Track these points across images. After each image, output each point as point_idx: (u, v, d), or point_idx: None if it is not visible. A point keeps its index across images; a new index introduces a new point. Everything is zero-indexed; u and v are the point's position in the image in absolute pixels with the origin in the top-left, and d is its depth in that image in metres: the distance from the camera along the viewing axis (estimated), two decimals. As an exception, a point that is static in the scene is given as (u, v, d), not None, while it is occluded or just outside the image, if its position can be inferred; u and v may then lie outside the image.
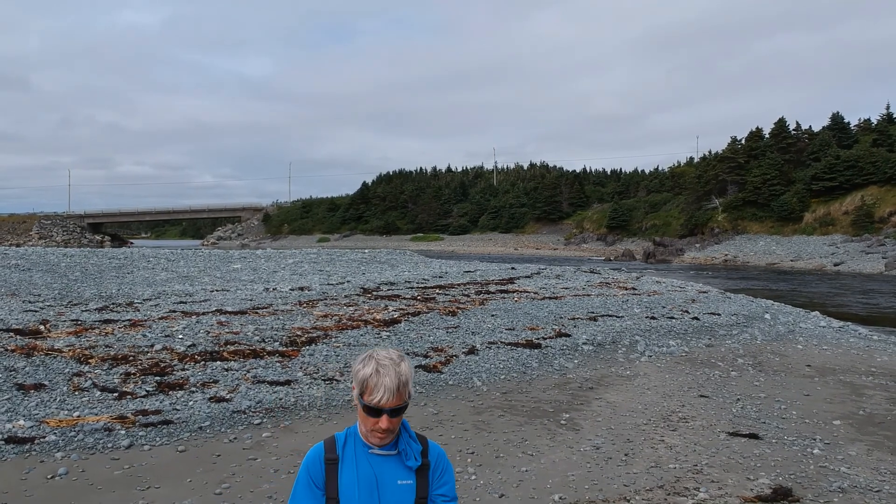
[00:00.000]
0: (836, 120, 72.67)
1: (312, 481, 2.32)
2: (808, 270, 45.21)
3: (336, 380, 8.87)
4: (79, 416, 7.03)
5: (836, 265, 45.48)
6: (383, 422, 2.24)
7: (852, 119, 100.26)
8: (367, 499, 2.28)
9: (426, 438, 2.45)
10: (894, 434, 7.26)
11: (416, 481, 2.34)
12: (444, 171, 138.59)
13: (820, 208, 59.70)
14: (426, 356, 10.37)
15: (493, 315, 14.37)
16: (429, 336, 11.87)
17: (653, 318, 14.72)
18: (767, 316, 15.90)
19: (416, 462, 2.33)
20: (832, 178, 59.49)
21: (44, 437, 6.42)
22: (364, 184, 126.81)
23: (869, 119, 73.82)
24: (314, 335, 11.45)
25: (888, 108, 70.43)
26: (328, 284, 20.77)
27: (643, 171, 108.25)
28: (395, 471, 2.33)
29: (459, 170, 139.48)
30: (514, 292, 18.95)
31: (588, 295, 18.57)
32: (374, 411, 2.23)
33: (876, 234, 52.55)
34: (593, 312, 15.16)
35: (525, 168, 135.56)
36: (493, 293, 18.64)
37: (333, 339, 11.23)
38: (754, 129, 72.30)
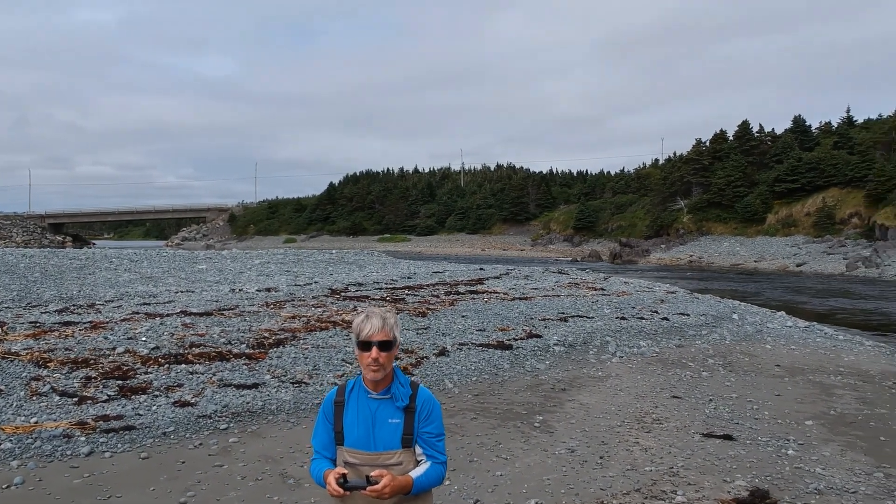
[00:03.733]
0: (798, 123, 73.98)
1: (326, 417, 2.92)
2: (772, 271, 45.86)
3: (305, 383, 8.67)
4: (36, 423, 6.74)
5: (798, 266, 46.22)
6: (373, 352, 2.75)
7: (814, 122, 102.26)
8: (364, 432, 2.82)
9: (418, 385, 2.93)
10: (866, 434, 7.28)
11: (403, 420, 2.83)
12: (410, 171, 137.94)
13: (782, 210, 60.72)
14: (396, 358, 10.19)
15: (463, 316, 14.25)
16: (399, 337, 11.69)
17: (623, 318, 14.72)
18: (735, 316, 16.01)
19: (403, 402, 2.83)
20: (794, 179, 60.52)
21: (-2, 445, 6.14)
22: (331, 184, 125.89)
23: (830, 122, 75.35)
24: (282, 337, 11.23)
25: (848, 111, 72.49)
26: (295, 285, 20.50)
27: (609, 172, 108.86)
28: (387, 411, 2.84)
29: (426, 171, 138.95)
30: (483, 293, 18.87)
31: (557, 296, 18.56)
32: (365, 345, 2.77)
33: (837, 235, 53.62)
34: (563, 313, 15.12)
35: (492, 169, 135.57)
36: (462, 294, 18.54)
37: (301, 341, 11.01)
38: (718, 132, 73.33)
